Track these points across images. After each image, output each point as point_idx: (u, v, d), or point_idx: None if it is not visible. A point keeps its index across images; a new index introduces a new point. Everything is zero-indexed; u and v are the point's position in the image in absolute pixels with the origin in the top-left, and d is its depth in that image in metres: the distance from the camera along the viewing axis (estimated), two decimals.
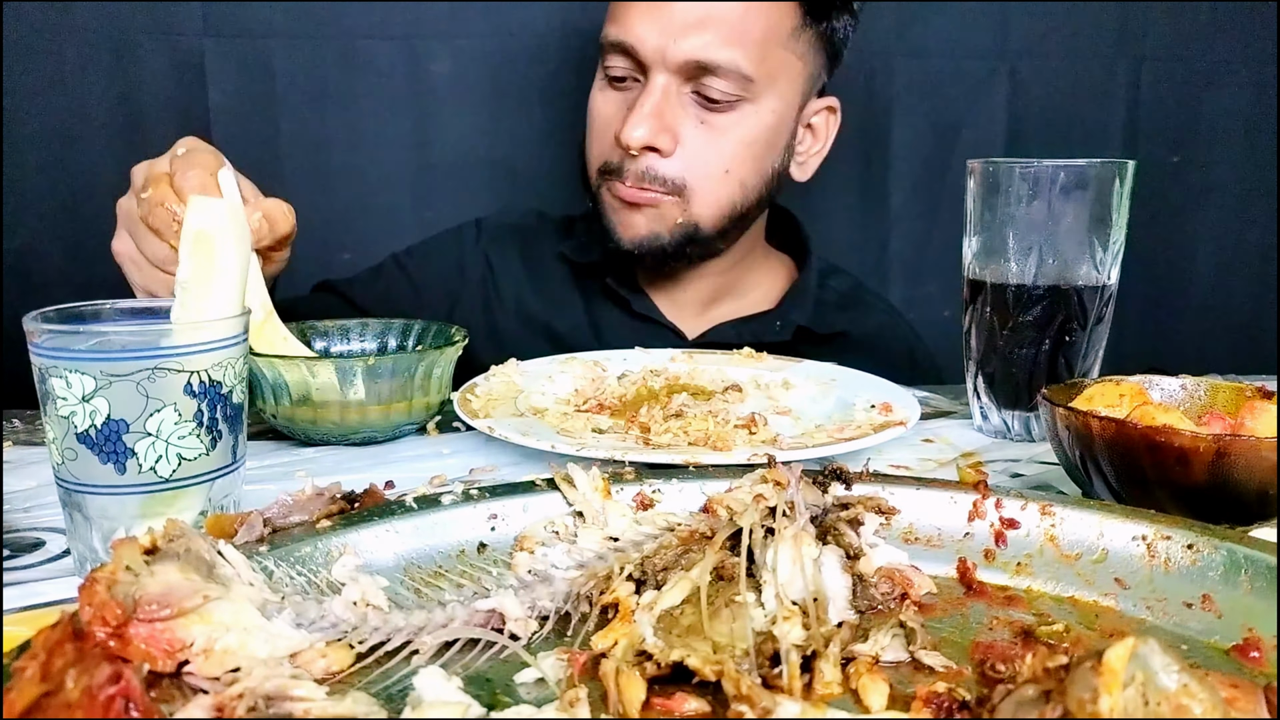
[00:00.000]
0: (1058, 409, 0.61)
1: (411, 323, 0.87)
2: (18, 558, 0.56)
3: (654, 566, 0.47)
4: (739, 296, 1.15)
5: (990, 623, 0.47)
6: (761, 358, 0.90)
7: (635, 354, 0.91)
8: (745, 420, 0.72)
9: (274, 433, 0.79)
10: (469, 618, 0.44)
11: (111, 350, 0.50)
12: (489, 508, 0.52)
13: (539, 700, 0.40)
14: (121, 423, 0.49)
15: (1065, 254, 0.77)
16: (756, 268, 1.16)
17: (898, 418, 0.72)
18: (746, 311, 1.14)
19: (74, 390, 0.49)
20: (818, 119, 1.09)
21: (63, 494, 0.52)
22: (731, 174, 1.01)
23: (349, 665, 0.41)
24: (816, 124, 1.09)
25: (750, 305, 1.15)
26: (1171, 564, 0.48)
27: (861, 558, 0.49)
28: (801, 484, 0.50)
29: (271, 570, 0.45)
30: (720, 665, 0.38)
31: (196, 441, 0.51)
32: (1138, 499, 0.57)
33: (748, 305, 1.15)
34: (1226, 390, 0.68)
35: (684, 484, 0.55)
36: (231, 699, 0.35)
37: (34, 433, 0.79)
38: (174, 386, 0.50)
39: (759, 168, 1.03)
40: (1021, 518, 0.52)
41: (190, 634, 0.38)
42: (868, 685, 0.40)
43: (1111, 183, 0.76)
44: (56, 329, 0.51)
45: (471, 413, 0.72)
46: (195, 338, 0.51)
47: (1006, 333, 0.79)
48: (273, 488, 0.66)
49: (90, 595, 0.37)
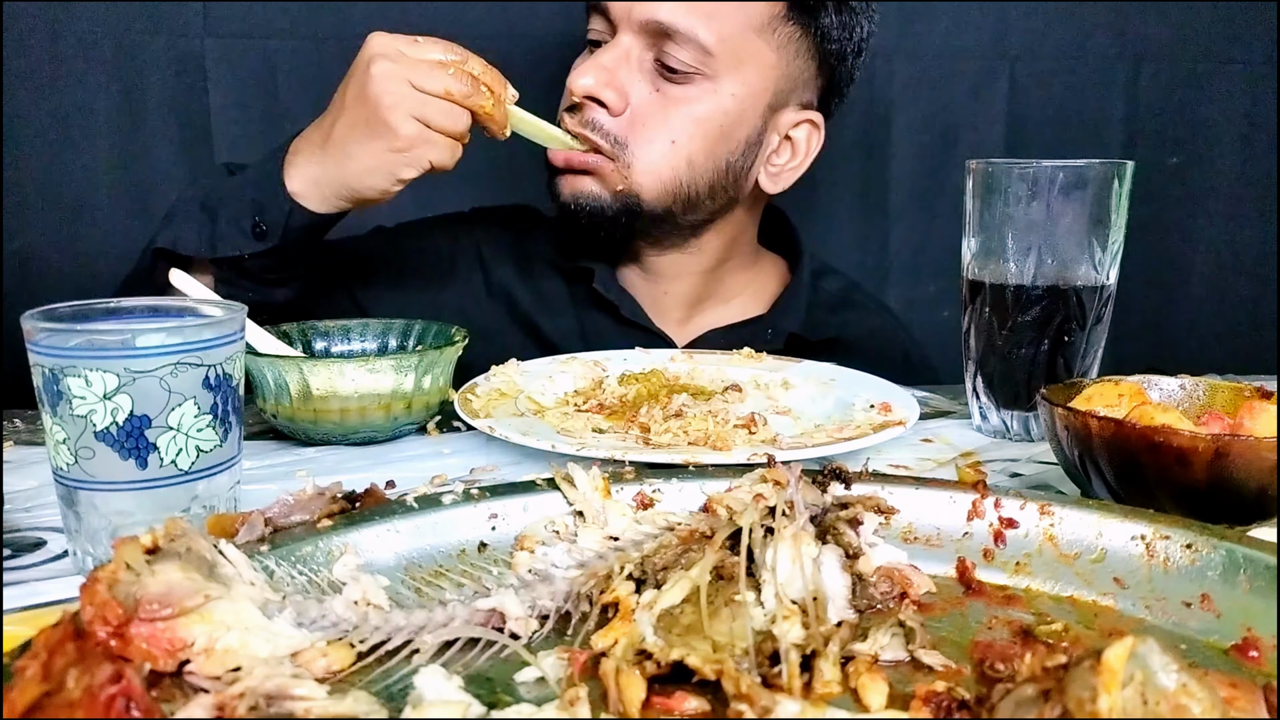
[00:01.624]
0: (1057, 409, 0.61)
1: (412, 323, 0.87)
2: (18, 558, 0.56)
3: (654, 566, 0.47)
4: (724, 301, 1.14)
5: (989, 622, 0.47)
6: (761, 358, 0.90)
7: (635, 354, 0.91)
8: (745, 420, 0.72)
9: (274, 433, 0.79)
10: (469, 617, 0.44)
11: (133, 347, 0.50)
12: (489, 507, 0.52)
13: (539, 699, 0.40)
14: (144, 418, 0.50)
15: (1064, 254, 0.77)
16: (744, 269, 1.15)
17: (897, 418, 0.73)
18: (735, 315, 1.13)
19: (94, 388, 0.50)
20: (798, 132, 1.06)
21: (65, 494, 0.52)
22: (678, 146, 0.99)
23: (350, 664, 0.41)
24: (796, 137, 1.06)
25: (739, 309, 1.14)
26: (1170, 563, 0.48)
27: (861, 557, 0.49)
28: (801, 483, 0.50)
29: (272, 569, 0.45)
30: (720, 664, 0.39)
31: (213, 433, 0.53)
32: (1136, 499, 0.57)
33: (736, 310, 1.14)
34: (1225, 390, 0.68)
35: (684, 484, 0.55)
36: (232, 698, 0.35)
37: (35, 433, 0.80)
38: (194, 380, 0.52)
39: (709, 150, 1.01)
40: (1020, 517, 0.52)
41: (191, 633, 0.38)
42: (867, 684, 0.40)
43: (1110, 183, 0.77)
44: (73, 328, 0.52)
45: (472, 413, 0.72)
46: (214, 332, 0.53)
47: (1005, 333, 0.79)
48: (273, 488, 0.66)
49: (91, 595, 0.37)
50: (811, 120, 1.07)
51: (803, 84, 1.05)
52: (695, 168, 1.01)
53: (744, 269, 1.15)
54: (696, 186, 1.02)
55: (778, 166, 1.07)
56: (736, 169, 1.03)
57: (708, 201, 1.04)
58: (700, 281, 1.12)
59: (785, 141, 1.06)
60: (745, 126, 1.02)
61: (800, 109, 1.06)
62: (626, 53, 0.98)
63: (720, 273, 1.12)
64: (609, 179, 1.00)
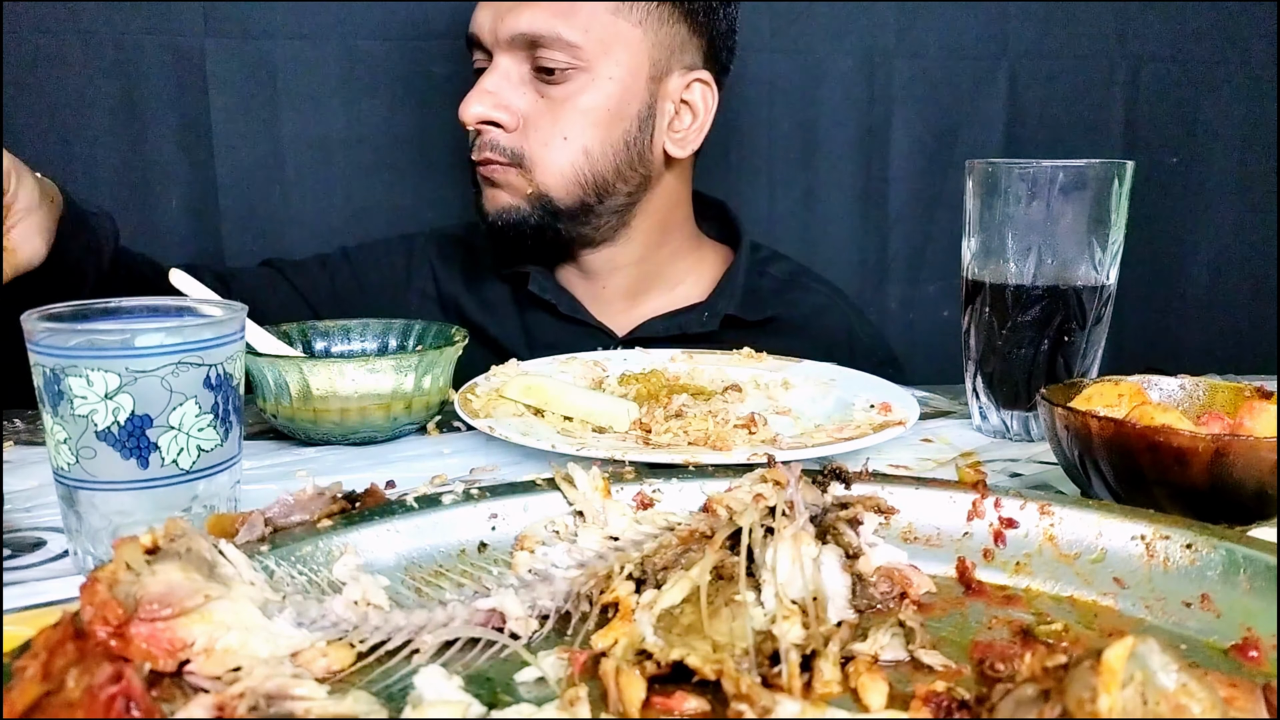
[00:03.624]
0: (1056, 409, 0.61)
1: (412, 323, 0.87)
2: (18, 558, 0.56)
3: (654, 566, 0.47)
4: (667, 289, 1.16)
5: (989, 622, 0.47)
6: (761, 358, 0.90)
7: (635, 354, 0.91)
8: (745, 420, 0.72)
9: (274, 433, 0.79)
10: (469, 617, 0.44)
11: (134, 347, 0.51)
12: (489, 507, 0.52)
13: (539, 699, 0.40)
14: (145, 418, 0.51)
15: (1064, 254, 0.77)
16: (682, 258, 1.17)
17: (897, 417, 0.73)
18: (676, 304, 1.14)
19: (95, 388, 0.50)
20: (690, 94, 1.08)
21: (66, 494, 0.52)
22: (571, 141, 1.03)
23: (350, 664, 0.41)
24: (691, 100, 1.09)
25: (680, 298, 1.15)
26: (1170, 563, 0.48)
27: (861, 557, 0.49)
28: (801, 483, 0.50)
29: (273, 569, 0.45)
30: (720, 664, 0.39)
31: (213, 433, 0.53)
32: (1136, 499, 0.57)
33: (677, 298, 1.15)
34: (1225, 390, 0.68)
35: (684, 484, 0.55)
36: (232, 698, 0.35)
37: (35, 433, 0.80)
38: (195, 380, 0.52)
39: (604, 136, 1.04)
40: (1020, 517, 0.52)
41: (191, 633, 0.38)
42: (867, 684, 0.40)
43: (1110, 183, 0.77)
44: (73, 328, 0.52)
45: (472, 412, 0.72)
46: (215, 332, 0.53)
47: (1005, 333, 0.79)
48: (273, 488, 0.66)
49: (91, 595, 0.37)
50: (700, 79, 1.09)
51: (678, 48, 1.07)
52: (593, 155, 1.04)
53: (682, 256, 1.17)
54: (602, 173, 1.05)
55: (681, 131, 1.09)
56: (638, 145, 1.06)
57: (619, 184, 1.07)
58: (636, 273, 1.14)
59: (682, 105, 1.09)
60: (633, 103, 1.05)
61: (686, 71, 1.08)
62: (505, 72, 1.03)
63: (656, 260, 1.14)
64: (517, 186, 1.05)
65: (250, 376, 0.74)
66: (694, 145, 1.11)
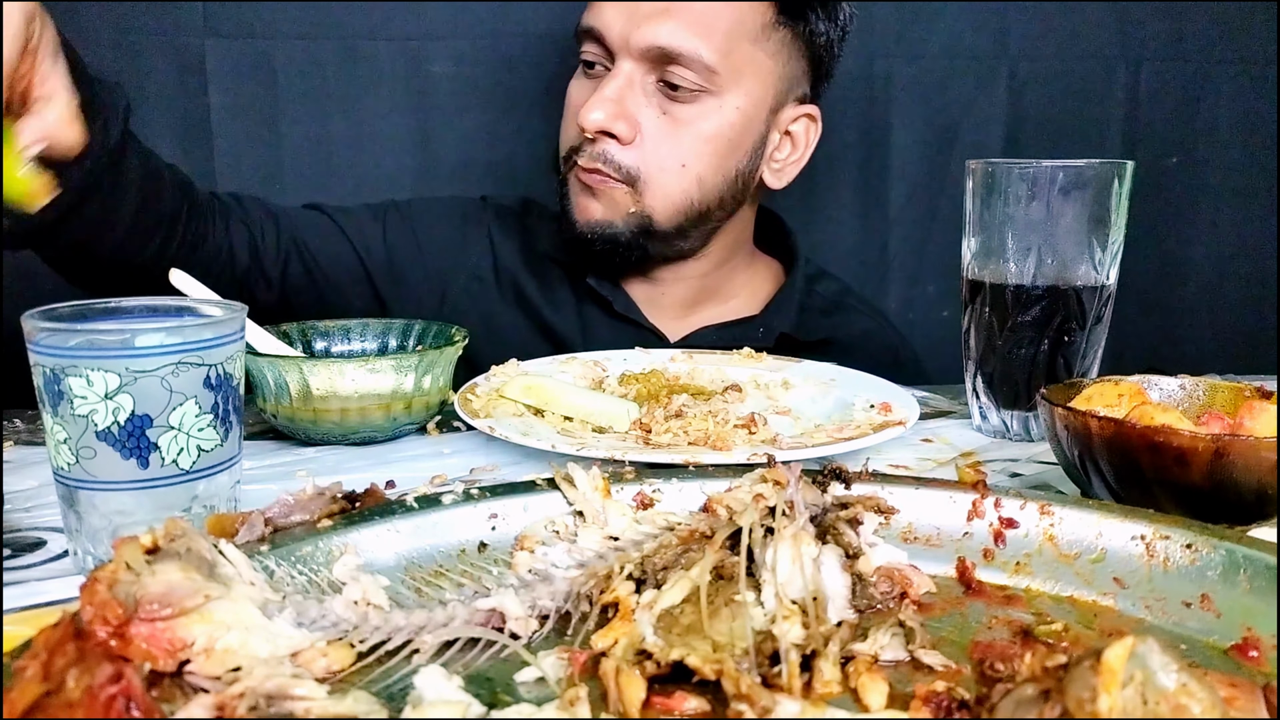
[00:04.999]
0: (1056, 409, 0.61)
1: (412, 323, 0.87)
2: (18, 558, 0.56)
3: (654, 566, 0.47)
4: (722, 301, 1.15)
5: (989, 622, 0.47)
6: (761, 358, 0.90)
7: (635, 354, 0.91)
8: (745, 420, 0.72)
9: (274, 433, 0.79)
10: (469, 617, 0.44)
11: (134, 347, 0.50)
12: (489, 507, 0.52)
13: (539, 699, 0.40)
14: (145, 418, 0.51)
15: (1064, 254, 0.77)
16: (740, 272, 1.16)
17: (897, 418, 0.73)
18: (729, 316, 1.13)
19: (95, 388, 0.50)
20: (796, 127, 1.08)
21: (66, 494, 0.52)
22: (689, 169, 1.00)
23: (350, 664, 0.41)
24: (795, 132, 1.08)
25: (734, 310, 1.14)
26: (1170, 563, 0.48)
27: (861, 557, 0.49)
28: (801, 483, 0.50)
29: (272, 569, 0.45)
30: (720, 664, 0.39)
31: (214, 433, 0.53)
32: (1136, 499, 0.57)
33: (731, 310, 1.14)
34: (1225, 390, 0.68)
35: (684, 484, 0.55)
36: (232, 698, 0.35)
37: (35, 433, 0.80)
38: (195, 380, 0.52)
39: (720, 165, 1.02)
40: (1020, 517, 0.52)
41: (191, 633, 0.38)
42: (867, 684, 0.40)
43: (1110, 183, 0.77)
44: (73, 328, 0.52)
45: (472, 412, 0.72)
46: (215, 332, 0.53)
47: (1005, 333, 0.79)
48: (273, 487, 0.66)
49: (91, 594, 0.37)
50: (809, 114, 1.08)
51: (798, 81, 1.06)
52: (705, 185, 1.02)
53: (741, 270, 1.16)
54: (707, 202, 1.03)
55: (780, 162, 1.09)
56: (745, 175, 1.05)
57: (718, 210, 1.05)
58: (699, 284, 1.13)
59: (785, 137, 1.08)
60: (751, 134, 1.03)
61: (797, 104, 1.07)
62: (630, 80, 0.98)
63: (719, 275, 1.13)
64: (620, 204, 1.01)
65: (250, 376, 0.74)
66: (790, 177, 1.10)
